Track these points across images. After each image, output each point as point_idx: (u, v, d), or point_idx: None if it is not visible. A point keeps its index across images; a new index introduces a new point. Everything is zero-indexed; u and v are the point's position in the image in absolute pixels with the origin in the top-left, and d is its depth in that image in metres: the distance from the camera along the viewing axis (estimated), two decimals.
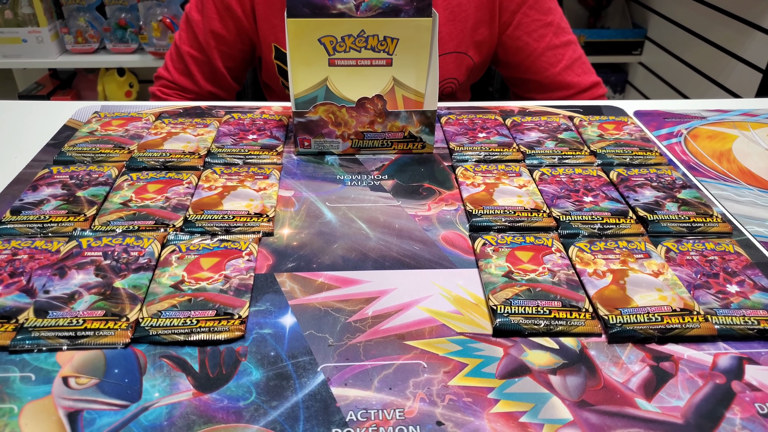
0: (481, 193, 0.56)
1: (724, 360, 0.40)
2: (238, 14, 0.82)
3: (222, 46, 0.85)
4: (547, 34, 0.84)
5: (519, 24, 0.84)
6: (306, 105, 0.61)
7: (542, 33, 0.84)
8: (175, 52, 0.87)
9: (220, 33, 0.84)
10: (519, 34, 0.84)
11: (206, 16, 0.83)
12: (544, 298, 0.43)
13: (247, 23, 0.83)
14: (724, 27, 1.58)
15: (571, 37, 0.87)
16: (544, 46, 0.84)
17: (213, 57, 0.85)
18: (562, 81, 0.86)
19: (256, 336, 0.41)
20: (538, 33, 0.84)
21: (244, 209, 0.52)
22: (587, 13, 2.05)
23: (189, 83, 0.87)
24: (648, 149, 0.64)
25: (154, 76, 0.90)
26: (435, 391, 0.37)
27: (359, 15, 0.57)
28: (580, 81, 0.86)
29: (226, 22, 0.83)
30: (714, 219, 0.52)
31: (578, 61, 0.87)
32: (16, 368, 0.38)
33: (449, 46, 0.84)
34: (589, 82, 0.87)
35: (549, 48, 0.85)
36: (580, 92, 0.87)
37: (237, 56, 0.87)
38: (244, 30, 0.84)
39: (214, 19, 0.83)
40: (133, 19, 1.83)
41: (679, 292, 0.44)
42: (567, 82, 0.86)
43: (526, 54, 0.85)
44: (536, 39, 0.84)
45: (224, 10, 0.82)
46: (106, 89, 1.98)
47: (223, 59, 0.86)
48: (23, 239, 0.48)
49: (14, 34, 1.77)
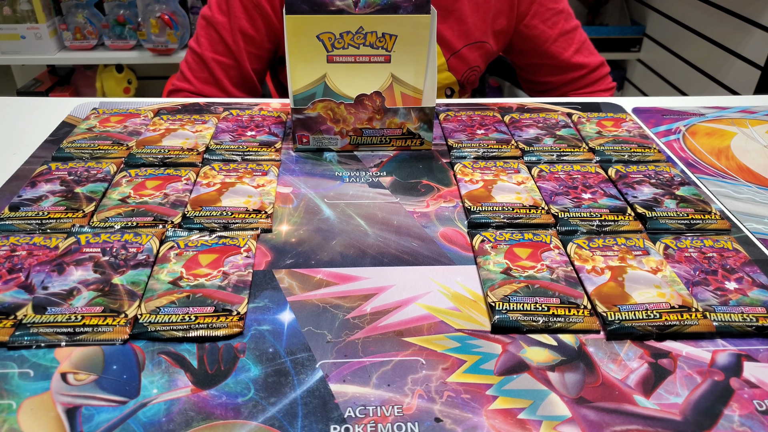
0: (479, 190, 0.56)
1: (722, 357, 0.40)
2: (268, 12, 0.80)
3: (251, 47, 0.81)
4: (560, 20, 0.91)
5: (535, 13, 0.90)
6: (304, 101, 0.61)
7: (555, 20, 0.90)
8: (195, 60, 0.82)
9: (249, 33, 0.80)
10: (536, 23, 0.90)
11: (233, 16, 0.79)
12: (543, 295, 0.43)
13: (276, 20, 0.81)
14: (723, 24, 1.58)
15: (577, 21, 0.94)
16: (558, 32, 0.91)
17: (242, 59, 0.81)
18: (576, 62, 0.93)
19: (255, 332, 0.41)
20: (552, 21, 0.90)
21: (243, 206, 0.52)
22: (586, 10, 2.05)
23: (216, 91, 0.82)
24: (646, 146, 0.64)
25: (167, 91, 0.84)
26: (433, 387, 0.37)
27: (358, 12, 0.57)
28: (589, 61, 0.94)
29: (255, 21, 0.80)
30: (712, 216, 0.52)
31: (585, 43, 0.94)
32: (15, 364, 0.38)
33: (475, 35, 0.88)
34: (598, 61, 0.95)
35: (562, 34, 0.91)
36: (591, 71, 0.94)
37: (264, 57, 0.84)
38: (272, 28, 0.81)
39: (241, 19, 0.79)
40: (132, 15, 1.82)
41: (678, 289, 0.44)
42: (579, 63, 0.93)
43: (542, 40, 0.91)
44: (551, 26, 0.91)
45: (253, 8, 0.79)
46: (104, 86, 1.98)
47: (251, 61, 0.82)
48: (22, 235, 0.48)
49: (13, 31, 1.77)
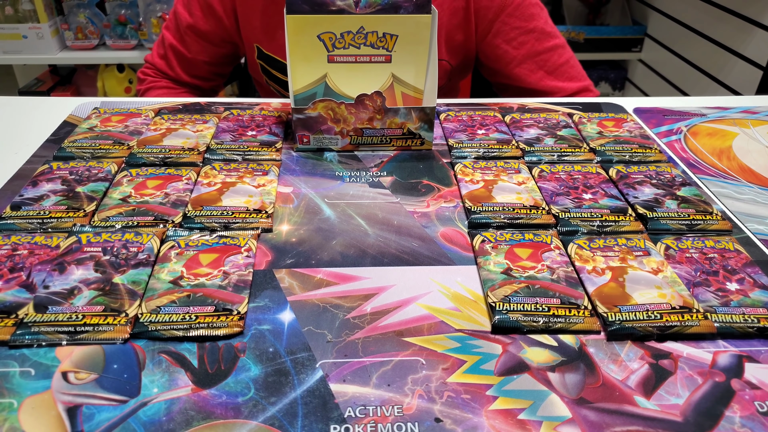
0: (480, 190, 0.56)
1: (723, 358, 0.40)
2: (220, 14, 0.83)
3: (203, 42, 0.86)
4: (529, 40, 0.81)
5: (498, 32, 0.81)
6: (305, 101, 0.61)
7: (523, 40, 0.81)
8: (161, 37, 0.89)
9: (202, 29, 0.84)
10: (498, 43, 0.82)
11: (190, 11, 0.84)
12: (543, 296, 0.43)
13: (228, 23, 0.84)
14: (725, 24, 1.58)
15: (558, 41, 0.83)
16: (525, 54, 0.82)
17: (192, 50, 0.86)
18: (545, 86, 0.83)
19: (255, 332, 0.41)
20: (518, 41, 0.81)
21: (243, 205, 0.52)
22: (587, 10, 2.05)
23: (167, 69, 0.89)
24: (647, 146, 0.64)
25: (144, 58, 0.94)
26: (433, 387, 0.37)
27: (358, 11, 0.57)
28: (564, 86, 0.83)
29: (208, 19, 0.84)
30: (714, 216, 0.52)
31: (564, 66, 0.83)
32: (16, 363, 0.38)
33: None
34: (575, 87, 0.83)
35: (530, 55, 0.82)
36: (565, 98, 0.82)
37: (218, 53, 0.88)
38: (225, 29, 0.84)
39: (197, 16, 0.84)
40: (133, 15, 1.82)
41: (679, 290, 0.44)
42: (550, 88, 0.83)
43: (506, 62, 0.83)
44: (516, 47, 0.82)
45: (207, 8, 0.83)
46: (105, 85, 1.98)
47: (204, 53, 0.87)
48: (23, 234, 0.48)
49: (14, 30, 1.77)
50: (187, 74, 0.89)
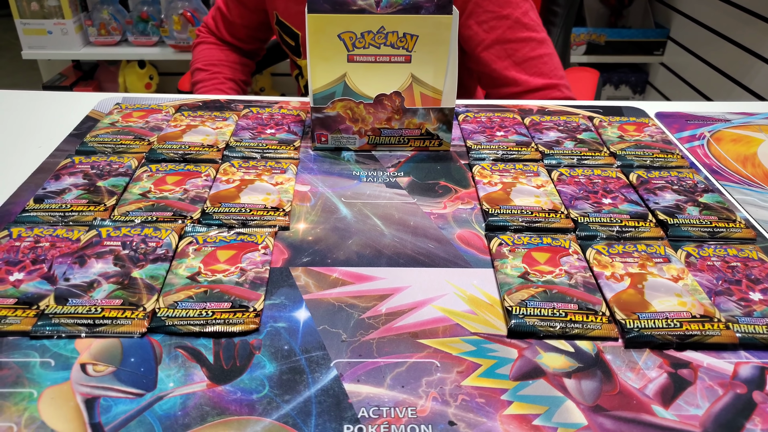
0: (497, 193, 0.55)
1: (745, 369, 0.39)
2: None
3: (240, 6, 0.97)
4: (500, 26, 0.80)
5: (471, 12, 0.81)
6: (324, 101, 0.61)
7: (494, 25, 0.80)
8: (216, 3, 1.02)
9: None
10: (470, 23, 0.81)
11: None
12: (561, 301, 0.43)
13: None
14: (750, 27, 1.55)
15: (535, 35, 0.81)
16: (494, 39, 0.81)
17: (233, 14, 0.98)
18: (508, 76, 0.82)
19: (271, 329, 0.41)
20: (488, 24, 0.81)
21: (261, 203, 0.53)
22: (608, 12, 2.02)
23: (214, 28, 1.01)
24: (669, 152, 0.63)
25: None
26: (448, 390, 0.37)
27: (379, 11, 0.57)
28: (527, 80, 0.81)
29: None
30: (737, 224, 0.51)
31: (535, 60, 0.81)
32: (37, 354, 0.38)
33: None
34: (540, 83, 0.81)
35: (499, 41, 0.81)
36: (527, 92, 0.82)
37: (253, 18, 0.98)
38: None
39: None
40: (155, 12, 1.85)
41: (700, 299, 0.43)
42: (513, 79, 0.81)
43: (475, 43, 0.82)
44: (486, 30, 0.81)
45: None
46: (126, 81, 2.01)
47: (241, 17, 0.98)
48: (45, 227, 0.49)
49: (40, 26, 1.80)
50: (229, 35, 1.00)
